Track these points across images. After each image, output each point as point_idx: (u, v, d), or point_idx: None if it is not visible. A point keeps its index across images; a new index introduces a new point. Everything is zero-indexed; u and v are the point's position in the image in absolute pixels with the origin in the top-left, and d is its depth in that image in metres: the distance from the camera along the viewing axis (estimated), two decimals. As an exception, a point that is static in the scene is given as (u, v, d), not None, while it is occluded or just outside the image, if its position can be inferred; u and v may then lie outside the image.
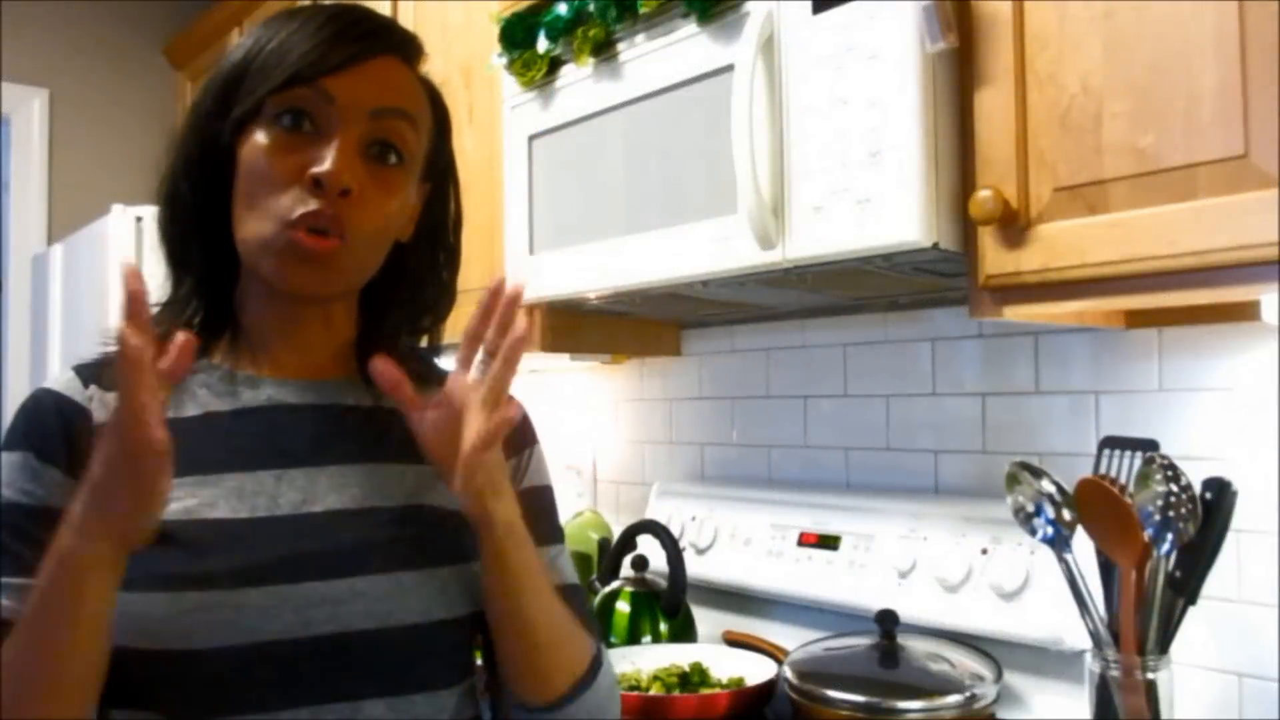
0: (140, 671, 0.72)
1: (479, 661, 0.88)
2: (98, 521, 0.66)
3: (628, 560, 1.64)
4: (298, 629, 0.73)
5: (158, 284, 0.86)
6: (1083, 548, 1.07)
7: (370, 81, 0.80)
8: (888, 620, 1.28)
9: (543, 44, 1.42)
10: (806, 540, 1.53)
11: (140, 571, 0.73)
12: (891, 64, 1.01)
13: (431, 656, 0.80)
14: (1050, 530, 1.09)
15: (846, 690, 1.19)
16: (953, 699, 1.16)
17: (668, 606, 1.56)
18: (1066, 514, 1.08)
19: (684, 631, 1.58)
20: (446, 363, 0.97)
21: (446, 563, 0.81)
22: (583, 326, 1.69)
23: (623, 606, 1.57)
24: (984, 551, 1.30)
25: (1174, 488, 1.00)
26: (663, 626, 1.56)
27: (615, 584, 1.61)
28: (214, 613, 0.72)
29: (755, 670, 1.38)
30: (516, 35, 1.46)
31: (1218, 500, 1.01)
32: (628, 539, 1.64)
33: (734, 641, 1.59)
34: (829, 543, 1.49)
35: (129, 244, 2.30)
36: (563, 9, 1.39)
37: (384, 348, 0.89)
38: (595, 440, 2.06)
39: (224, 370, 0.84)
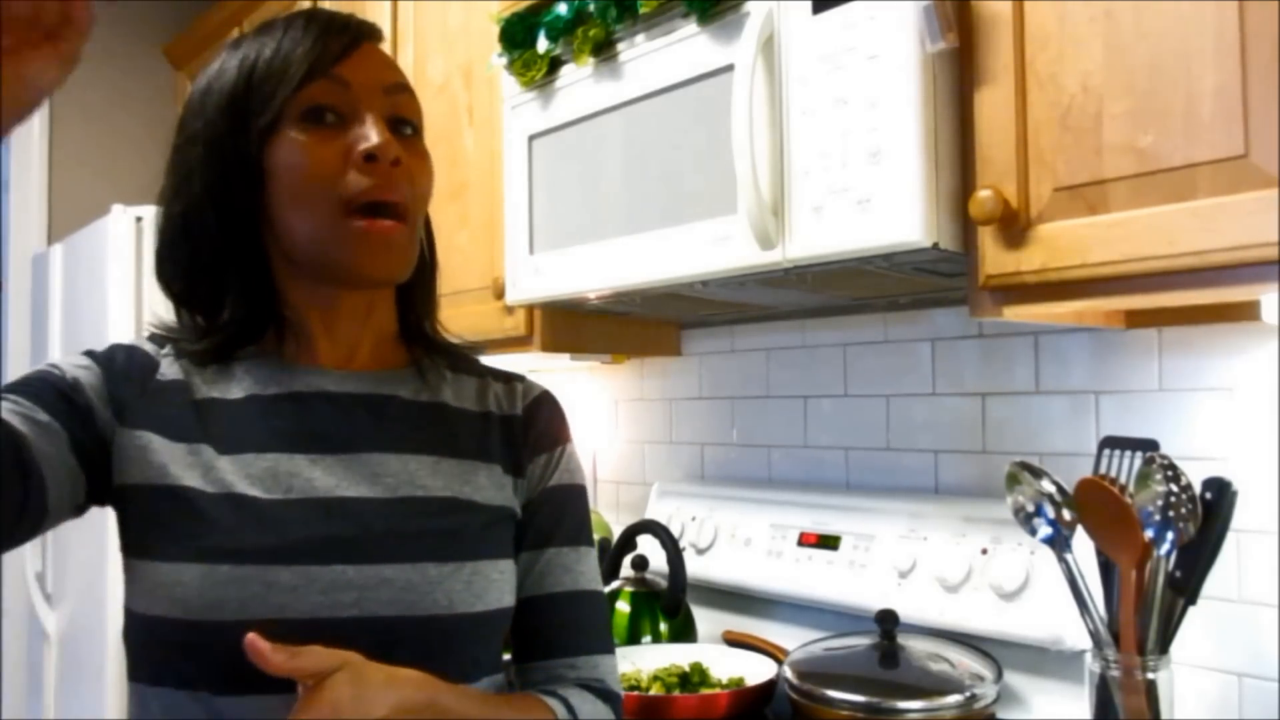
0: (171, 640, 0.74)
1: (507, 657, 0.89)
2: None
3: (628, 560, 1.64)
4: (324, 610, 0.75)
5: (153, 289, 0.88)
6: (1083, 548, 1.07)
7: (373, 62, 0.84)
8: (888, 620, 1.28)
9: (543, 44, 1.42)
10: (806, 540, 1.53)
11: (174, 544, 0.76)
12: (891, 64, 1.01)
13: (455, 649, 0.80)
14: (1050, 530, 1.08)
15: (846, 690, 1.19)
16: (953, 699, 1.16)
17: (668, 606, 1.56)
18: (1066, 514, 1.08)
19: (684, 631, 1.58)
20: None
21: (474, 557, 0.82)
22: (583, 326, 1.69)
23: (623, 606, 1.57)
24: (984, 551, 1.30)
25: (1174, 488, 1.00)
26: (663, 626, 1.56)
27: (615, 584, 1.61)
28: (245, 587, 0.74)
29: (755, 670, 1.38)
30: (516, 35, 1.46)
31: (1218, 500, 1.01)
32: (628, 539, 1.65)
33: (734, 641, 1.59)
34: (829, 543, 1.49)
35: (129, 244, 2.30)
36: (563, 9, 1.39)
37: (426, 337, 0.93)
38: (595, 440, 2.06)
39: (271, 358, 0.86)
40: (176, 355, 0.85)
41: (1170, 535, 1.00)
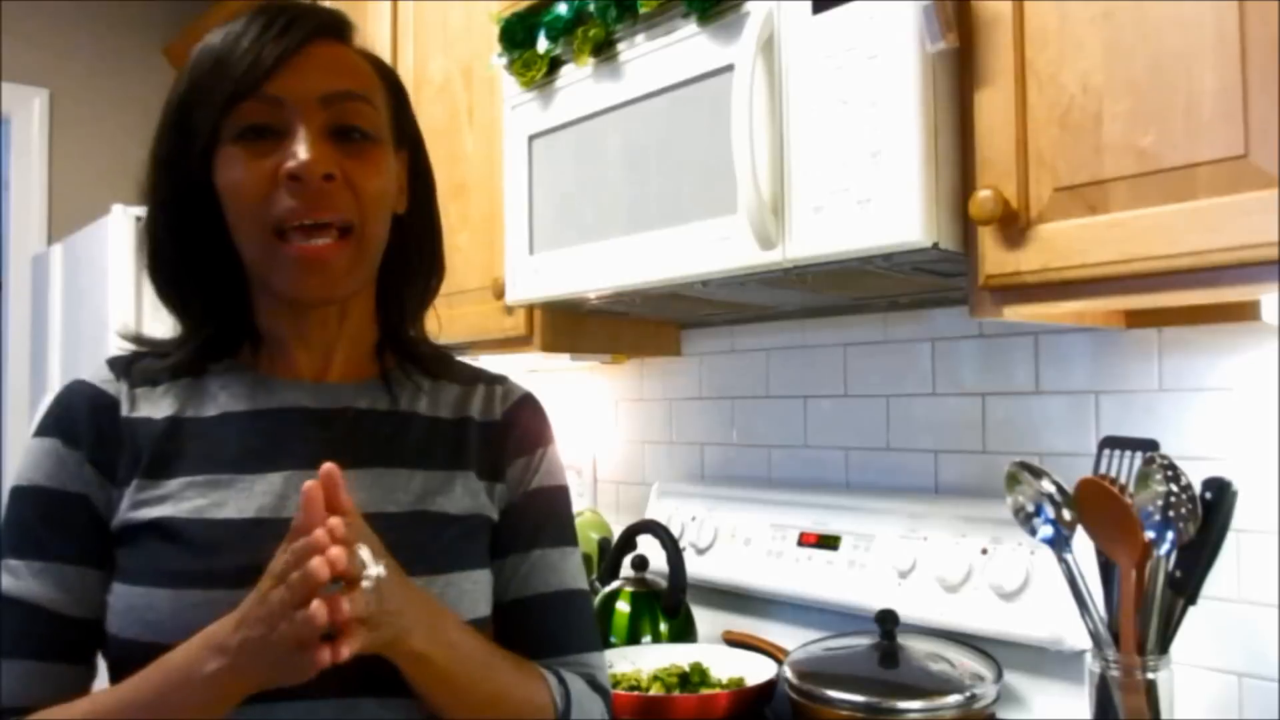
0: (146, 662, 0.73)
1: None
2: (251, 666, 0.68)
3: (628, 560, 1.64)
4: None
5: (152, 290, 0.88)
6: (1083, 548, 1.07)
7: (311, 71, 0.80)
8: (888, 620, 1.28)
9: (543, 44, 1.42)
10: (806, 540, 1.53)
11: (147, 568, 0.76)
12: (891, 64, 1.01)
13: None
14: (1050, 530, 1.08)
15: (846, 690, 1.19)
16: (953, 699, 1.16)
17: (668, 606, 1.56)
18: (1066, 514, 1.08)
19: (684, 631, 1.58)
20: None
21: (448, 569, 0.82)
22: (583, 326, 1.69)
23: (623, 606, 1.57)
24: (984, 551, 1.30)
25: (1174, 488, 1.00)
26: (663, 626, 1.56)
27: (615, 584, 1.61)
28: (216, 610, 0.73)
29: (755, 670, 1.38)
30: (516, 35, 1.46)
31: (1218, 500, 1.01)
32: (628, 539, 1.64)
33: (734, 641, 1.59)
34: (829, 543, 1.49)
35: (129, 244, 2.30)
36: (563, 9, 1.39)
37: (406, 345, 0.92)
38: (595, 440, 2.06)
39: (246, 372, 0.85)
40: (144, 378, 0.84)
41: (1170, 535, 1.00)
